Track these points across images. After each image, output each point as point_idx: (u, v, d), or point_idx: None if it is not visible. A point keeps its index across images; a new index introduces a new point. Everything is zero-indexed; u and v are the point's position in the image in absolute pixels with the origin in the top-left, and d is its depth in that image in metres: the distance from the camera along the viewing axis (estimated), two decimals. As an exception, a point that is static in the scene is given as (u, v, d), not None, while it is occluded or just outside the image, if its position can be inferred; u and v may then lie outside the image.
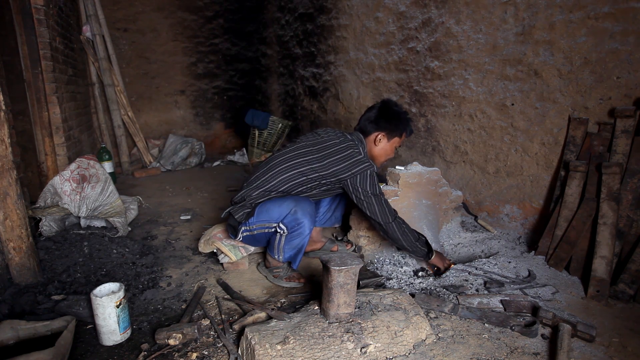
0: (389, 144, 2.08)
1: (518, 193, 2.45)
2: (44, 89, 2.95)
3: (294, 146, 2.01)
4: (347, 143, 1.95)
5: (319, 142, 1.97)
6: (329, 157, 1.91)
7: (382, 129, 2.04)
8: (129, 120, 4.71)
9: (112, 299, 1.49)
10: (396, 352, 1.41)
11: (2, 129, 1.73)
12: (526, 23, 2.25)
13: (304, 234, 1.91)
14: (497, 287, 1.84)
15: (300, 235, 1.91)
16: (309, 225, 1.89)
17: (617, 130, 1.95)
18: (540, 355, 1.43)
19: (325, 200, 2.33)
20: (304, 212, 1.86)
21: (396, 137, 2.08)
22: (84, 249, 2.17)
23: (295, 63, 4.76)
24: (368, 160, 1.92)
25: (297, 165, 1.93)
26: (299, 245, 1.95)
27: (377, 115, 2.05)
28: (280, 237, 1.93)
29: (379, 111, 2.05)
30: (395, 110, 2.06)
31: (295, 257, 1.99)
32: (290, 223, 1.87)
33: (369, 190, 1.88)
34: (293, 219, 1.86)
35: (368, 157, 2.04)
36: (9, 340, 1.39)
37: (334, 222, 2.45)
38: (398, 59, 3.19)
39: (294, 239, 1.92)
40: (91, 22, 4.24)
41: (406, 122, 2.09)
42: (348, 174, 1.88)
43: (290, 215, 1.85)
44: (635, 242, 1.85)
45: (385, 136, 2.05)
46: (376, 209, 1.90)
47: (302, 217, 1.86)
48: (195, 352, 1.46)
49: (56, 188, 2.52)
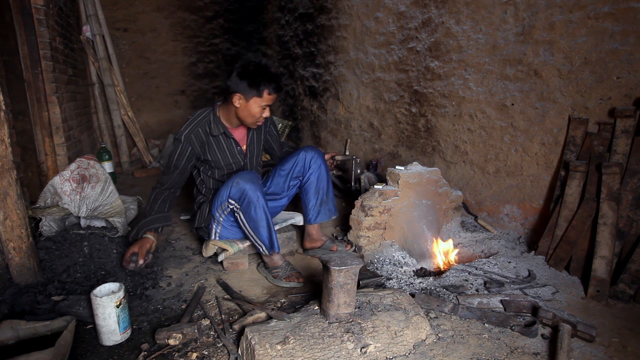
0: (249, 104, 1.99)
1: (518, 193, 2.45)
2: (44, 89, 2.95)
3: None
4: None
5: None
6: None
7: (237, 90, 1.96)
8: (129, 120, 4.71)
9: (112, 299, 1.49)
10: (396, 352, 1.41)
11: (2, 129, 1.73)
12: (526, 23, 2.25)
13: (253, 200, 1.92)
14: (497, 287, 1.84)
15: (250, 205, 1.93)
16: (253, 190, 1.91)
17: (617, 130, 1.95)
18: (540, 355, 1.43)
19: (309, 194, 2.28)
20: (244, 180, 1.92)
21: (255, 97, 1.97)
22: (84, 249, 2.17)
23: (295, 63, 4.76)
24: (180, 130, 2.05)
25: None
26: (262, 219, 1.95)
27: (232, 75, 1.97)
28: (240, 216, 1.99)
29: (235, 71, 1.97)
30: (249, 69, 1.95)
31: (270, 237, 1.99)
32: (236, 194, 1.94)
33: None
34: (237, 190, 1.93)
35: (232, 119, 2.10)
36: (9, 340, 1.39)
37: (328, 214, 2.34)
38: (398, 59, 3.19)
39: (249, 211, 1.94)
40: (91, 22, 4.24)
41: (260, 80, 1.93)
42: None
43: (234, 187, 1.93)
44: (635, 242, 1.85)
45: (242, 97, 1.98)
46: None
47: (244, 183, 1.91)
48: (195, 352, 1.46)
49: (56, 188, 2.51)
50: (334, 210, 2.39)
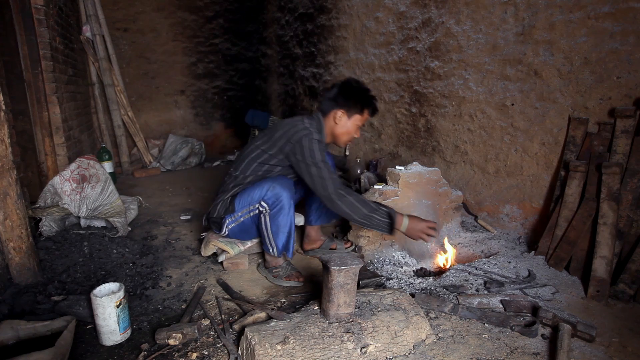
0: (350, 121, 2.04)
1: (518, 193, 2.45)
2: (44, 89, 2.95)
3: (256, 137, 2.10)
4: (298, 121, 1.99)
5: (274, 126, 2.07)
6: (276, 134, 1.98)
7: (342, 106, 2.02)
8: (129, 120, 4.71)
9: (112, 299, 1.49)
10: (396, 352, 1.41)
11: (2, 129, 1.73)
12: (526, 23, 2.25)
13: (285, 208, 1.92)
14: (497, 287, 1.84)
15: (282, 211, 1.93)
16: (288, 198, 1.92)
17: (617, 130, 1.95)
18: (540, 355, 1.43)
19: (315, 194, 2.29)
20: (282, 186, 1.91)
21: (356, 114, 2.03)
22: (84, 249, 2.17)
23: (295, 63, 4.76)
24: (307, 129, 1.92)
25: (252, 152, 2.03)
26: (286, 225, 1.96)
27: (337, 93, 2.04)
28: (265, 218, 1.96)
29: (339, 89, 2.04)
30: (355, 87, 2.04)
31: (288, 243, 2.00)
32: (270, 199, 1.91)
33: (308, 159, 1.85)
34: (273, 194, 1.90)
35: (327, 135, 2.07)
36: (9, 340, 1.39)
37: (330, 217, 2.40)
38: (398, 59, 3.19)
39: (278, 215, 1.94)
40: (91, 22, 4.24)
41: (367, 99, 2.04)
42: (289, 145, 1.91)
43: (270, 191, 1.90)
44: (635, 242, 1.85)
45: (345, 113, 2.03)
46: (315, 179, 1.85)
47: (281, 190, 1.90)
48: (195, 352, 1.46)
49: (56, 188, 2.52)
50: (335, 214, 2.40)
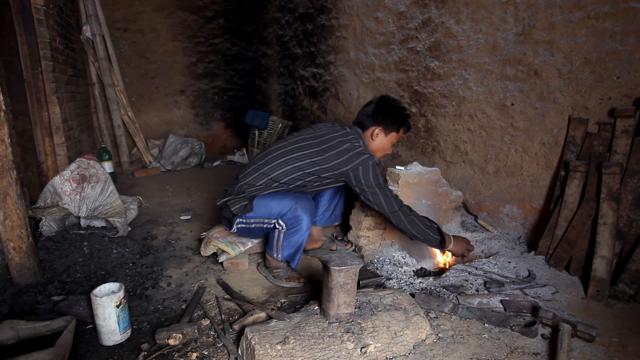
0: (386, 138, 2.09)
1: (518, 193, 2.45)
2: (44, 89, 2.95)
3: (294, 139, 2.01)
4: (348, 137, 1.97)
5: (319, 135, 1.99)
6: (330, 150, 1.92)
7: (380, 124, 2.06)
8: (129, 120, 4.71)
9: (112, 299, 1.49)
10: (396, 352, 1.41)
11: (2, 129, 1.73)
12: (526, 23, 2.25)
13: (303, 230, 1.92)
14: (497, 287, 1.84)
15: (298, 232, 1.92)
16: (307, 222, 1.92)
17: (617, 130, 1.95)
18: (540, 355, 1.43)
19: (324, 199, 2.33)
20: (304, 209, 1.89)
21: (393, 132, 2.09)
22: (84, 249, 2.17)
23: (295, 63, 4.75)
24: (368, 152, 1.93)
25: (298, 159, 1.93)
26: (298, 242, 1.96)
27: (375, 109, 2.06)
28: (279, 233, 1.94)
29: (377, 106, 2.07)
30: (393, 105, 2.08)
31: (294, 255, 2.00)
32: (289, 220, 1.89)
33: (372, 181, 1.88)
34: (293, 217, 1.88)
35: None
36: (9, 340, 1.39)
37: (334, 220, 2.45)
38: (398, 59, 3.19)
39: (293, 235, 1.93)
40: (91, 22, 4.24)
41: (404, 117, 2.10)
42: (350, 166, 1.89)
43: (290, 212, 1.88)
44: (635, 242, 1.85)
45: (382, 131, 2.07)
46: (381, 200, 1.90)
47: (302, 214, 1.88)
48: (195, 352, 1.46)
49: (56, 188, 2.52)
50: (339, 217, 2.46)
